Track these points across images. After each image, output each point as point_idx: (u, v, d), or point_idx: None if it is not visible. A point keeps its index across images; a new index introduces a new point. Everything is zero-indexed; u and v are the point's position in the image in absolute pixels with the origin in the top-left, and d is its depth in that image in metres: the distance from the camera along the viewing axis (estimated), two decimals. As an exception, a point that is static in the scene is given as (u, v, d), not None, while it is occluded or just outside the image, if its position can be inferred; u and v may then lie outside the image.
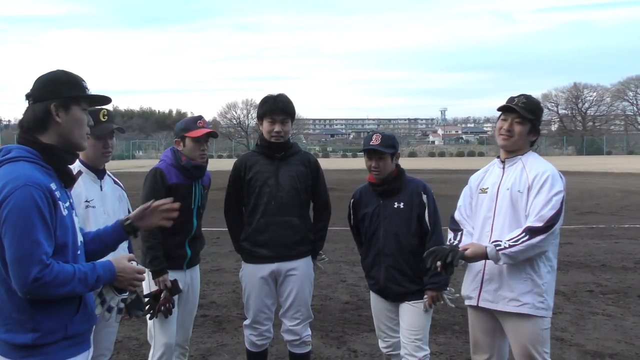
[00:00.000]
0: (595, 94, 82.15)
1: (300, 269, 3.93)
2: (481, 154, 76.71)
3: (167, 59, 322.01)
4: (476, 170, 3.60)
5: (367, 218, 3.80)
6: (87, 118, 2.31)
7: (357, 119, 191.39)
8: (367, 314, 5.66)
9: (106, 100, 2.40)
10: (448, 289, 3.72)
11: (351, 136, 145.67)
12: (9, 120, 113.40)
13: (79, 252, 2.28)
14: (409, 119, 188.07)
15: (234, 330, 5.59)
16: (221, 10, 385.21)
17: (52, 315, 2.13)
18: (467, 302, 3.45)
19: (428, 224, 3.70)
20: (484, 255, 3.11)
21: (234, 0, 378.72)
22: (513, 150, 3.31)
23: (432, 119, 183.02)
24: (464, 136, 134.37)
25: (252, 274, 3.93)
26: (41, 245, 2.03)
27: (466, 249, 3.12)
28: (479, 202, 3.40)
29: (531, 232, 3.05)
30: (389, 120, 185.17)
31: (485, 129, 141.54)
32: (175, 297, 3.68)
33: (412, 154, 76.82)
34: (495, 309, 3.26)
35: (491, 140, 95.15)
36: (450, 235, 3.52)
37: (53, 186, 2.15)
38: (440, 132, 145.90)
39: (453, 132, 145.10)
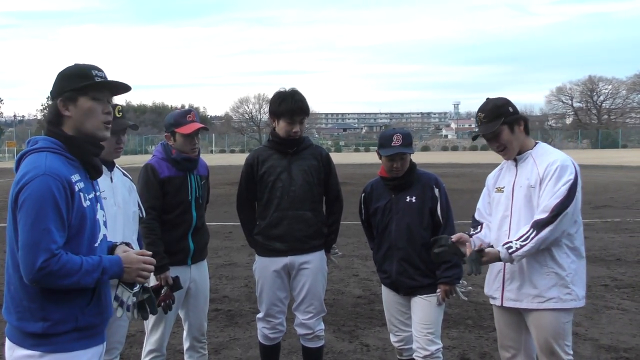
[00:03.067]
0: (610, 86, 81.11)
1: (313, 262, 3.93)
2: (494, 148, 76.02)
3: (180, 54, 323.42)
4: (490, 165, 3.57)
5: (379, 212, 3.79)
6: (101, 107, 2.29)
7: (370, 113, 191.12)
8: (379, 308, 5.65)
9: (118, 86, 2.35)
10: (461, 282, 3.71)
11: (363, 130, 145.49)
12: (23, 116, 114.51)
13: (96, 245, 2.28)
14: (421, 113, 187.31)
15: (247, 325, 5.61)
16: (235, 4, 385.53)
17: (63, 305, 2.16)
18: (491, 302, 3.42)
19: (440, 218, 3.69)
20: (498, 259, 3.08)
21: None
22: (520, 152, 3.26)
23: (445, 113, 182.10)
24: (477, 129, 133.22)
25: (266, 267, 3.94)
26: (51, 234, 2.05)
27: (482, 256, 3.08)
28: (495, 201, 3.37)
29: (538, 225, 3.02)
30: (402, 114, 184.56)
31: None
32: (181, 293, 3.69)
33: (425, 148, 76.49)
34: (520, 307, 3.21)
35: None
36: (471, 231, 3.47)
37: (75, 177, 2.19)
38: (453, 125, 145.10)
39: (466, 125, 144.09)
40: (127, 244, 2.46)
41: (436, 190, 3.70)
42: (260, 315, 4.03)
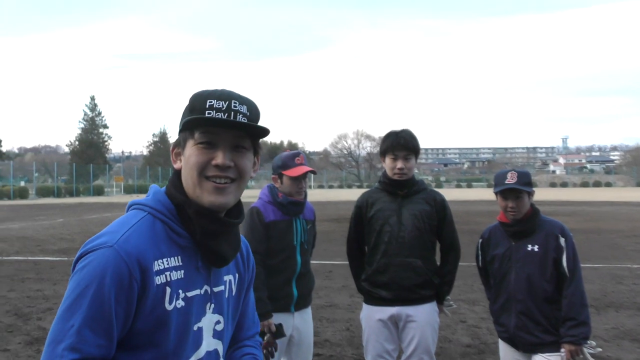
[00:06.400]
0: None
1: (422, 314, 3.68)
2: (608, 185, 71.86)
3: (276, 89, 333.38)
4: (604, 203, 3.21)
5: (497, 260, 3.51)
6: (207, 155, 1.51)
7: (472, 148, 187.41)
8: (491, 361, 5.26)
9: (235, 125, 1.50)
10: (589, 342, 3.32)
11: (465, 165, 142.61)
12: (130, 152, 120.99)
13: None
14: (527, 147, 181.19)
15: (349, 371, 5.38)
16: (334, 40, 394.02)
17: None
18: None
19: (566, 270, 3.34)
20: None
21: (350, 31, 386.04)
22: None
23: (553, 147, 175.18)
24: (588, 165, 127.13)
25: (371, 316, 3.75)
26: (75, 336, 1.36)
27: None
28: None
29: None
30: (505, 148, 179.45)
31: (612, 157, 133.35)
32: (284, 341, 3.56)
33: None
34: None
35: (619, 170, 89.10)
36: None
37: (165, 263, 1.48)
38: (561, 160, 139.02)
39: (576, 160, 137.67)
40: None
41: (562, 240, 3.36)
42: (366, 366, 3.82)
